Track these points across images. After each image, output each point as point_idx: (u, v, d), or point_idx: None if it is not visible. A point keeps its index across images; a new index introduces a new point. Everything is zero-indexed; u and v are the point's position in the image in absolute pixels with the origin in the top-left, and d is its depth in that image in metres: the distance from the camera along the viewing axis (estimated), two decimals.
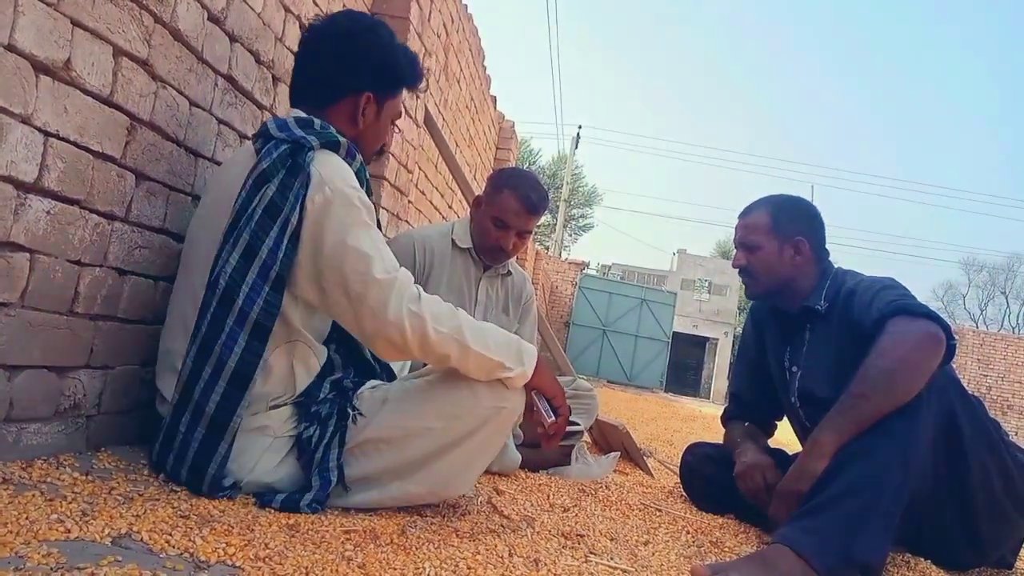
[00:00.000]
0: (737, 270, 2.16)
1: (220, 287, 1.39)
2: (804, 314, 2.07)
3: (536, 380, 1.56)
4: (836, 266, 2.13)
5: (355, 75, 1.58)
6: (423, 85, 1.77)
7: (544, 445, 1.62)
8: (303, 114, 1.54)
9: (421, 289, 1.48)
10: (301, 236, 1.41)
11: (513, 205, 2.36)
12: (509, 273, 2.62)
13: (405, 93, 1.72)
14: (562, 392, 1.60)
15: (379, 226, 1.59)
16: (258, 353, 1.40)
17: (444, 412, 1.52)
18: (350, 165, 1.51)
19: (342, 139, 1.52)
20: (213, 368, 1.38)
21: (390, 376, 1.76)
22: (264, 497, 1.44)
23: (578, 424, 2.67)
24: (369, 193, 1.58)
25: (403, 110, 1.70)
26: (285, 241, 1.39)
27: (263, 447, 1.48)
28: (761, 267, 2.08)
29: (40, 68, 1.27)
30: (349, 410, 1.53)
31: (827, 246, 2.14)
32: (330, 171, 1.44)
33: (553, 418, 1.57)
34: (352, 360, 1.68)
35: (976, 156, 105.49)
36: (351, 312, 1.43)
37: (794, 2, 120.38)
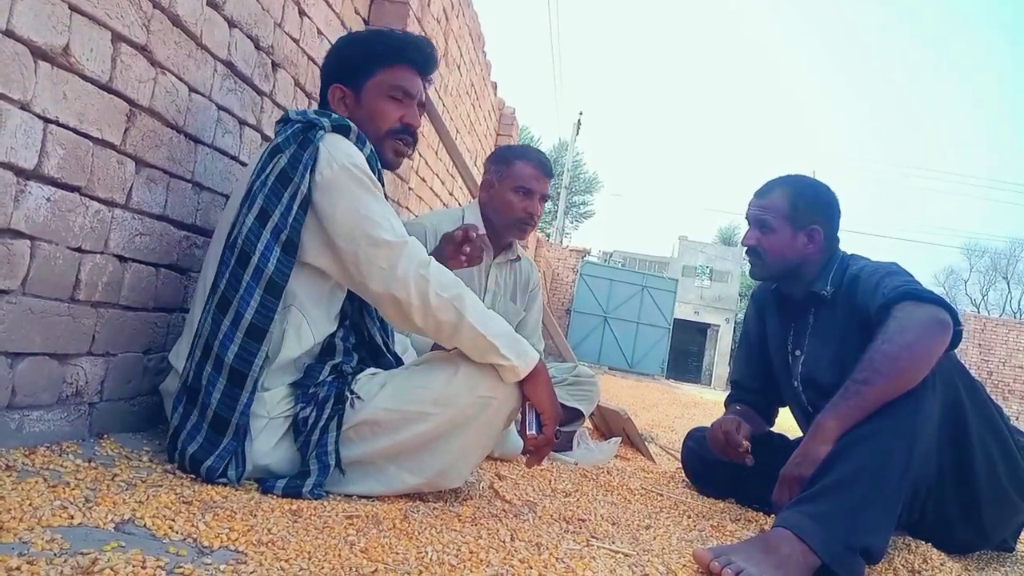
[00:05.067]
0: (745, 248, 2.11)
1: (238, 247, 1.48)
2: (809, 298, 2.07)
3: (530, 388, 1.54)
4: (842, 251, 2.12)
5: (327, 73, 1.73)
6: (411, 50, 1.72)
7: (526, 461, 1.63)
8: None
9: (434, 259, 1.54)
10: (311, 205, 1.49)
11: (530, 171, 2.42)
12: (519, 258, 2.63)
13: (405, 71, 1.70)
14: (555, 414, 1.56)
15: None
16: (272, 308, 1.47)
17: (439, 397, 1.53)
18: (360, 150, 1.57)
19: (352, 125, 1.59)
20: (231, 321, 1.45)
21: None
22: (266, 483, 1.45)
23: (579, 411, 2.68)
24: (381, 181, 1.62)
25: (404, 87, 1.68)
26: (296, 208, 1.47)
27: (257, 428, 1.49)
28: (771, 250, 2.05)
29: (39, 54, 1.26)
30: (347, 393, 1.55)
31: (838, 233, 2.12)
32: (337, 149, 1.51)
33: (534, 432, 1.55)
34: (373, 358, 1.74)
35: (979, 140, 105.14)
36: (361, 275, 1.50)
37: None
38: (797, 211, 2.04)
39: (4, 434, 1.32)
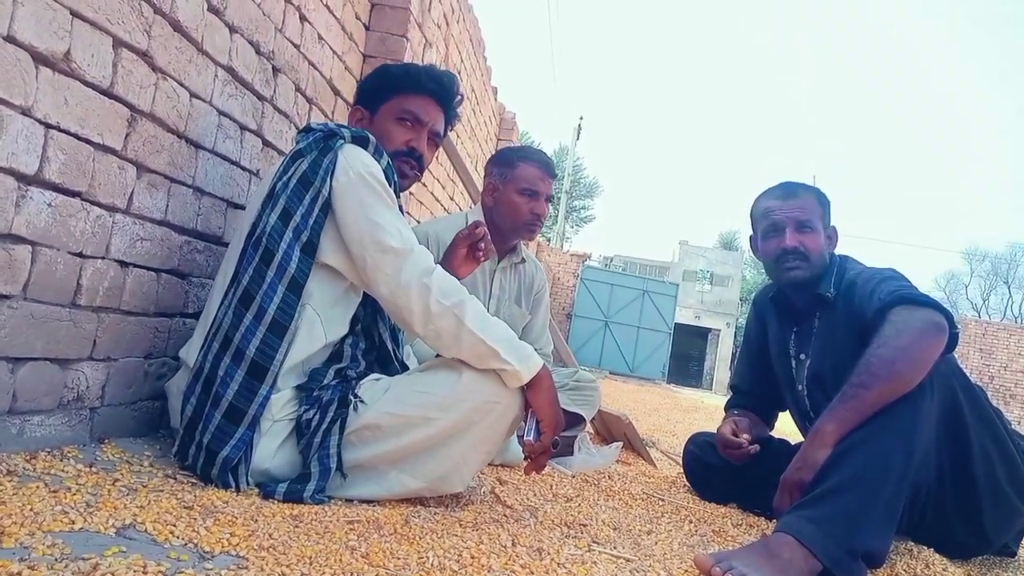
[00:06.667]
0: (780, 251, 2.04)
1: (262, 244, 1.51)
2: (814, 302, 2.07)
3: (533, 395, 1.54)
4: (837, 254, 2.13)
5: (356, 98, 1.85)
6: (427, 81, 1.79)
7: (524, 467, 1.63)
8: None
9: (439, 267, 1.55)
10: (331, 208, 1.53)
11: (534, 172, 2.44)
12: (523, 260, 2.63)
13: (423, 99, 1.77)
14: (555, 422, 1.55)
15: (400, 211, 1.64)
16: (293, 306, 1.50)
17: (441, 402, 1.52)
18: (378, 161, 1.60)
19: (370, 136, 1.63)
20: (254, 315, 1.48)
21: None
22: (266, 488, 1.45)
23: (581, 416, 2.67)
24: (397, 192, 1.64)
25: (415, 112, 1.75)
26: (316, 210, 1.52)
27: (262, 431, 1.49)
28: (815, 251, 2.03)
29: (40, 59, 1.26)
30: (351, 397, 1.55)
31: None
32: (355, 158, 1.56)
33: (532, 439, 1.54)
34: (382, 365, 1.75)
35: (980, 144, 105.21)
36: (370, 279, 1.54)
37: None
38: (825, 212, 2.09)
39: (5, 439, 1.32)
